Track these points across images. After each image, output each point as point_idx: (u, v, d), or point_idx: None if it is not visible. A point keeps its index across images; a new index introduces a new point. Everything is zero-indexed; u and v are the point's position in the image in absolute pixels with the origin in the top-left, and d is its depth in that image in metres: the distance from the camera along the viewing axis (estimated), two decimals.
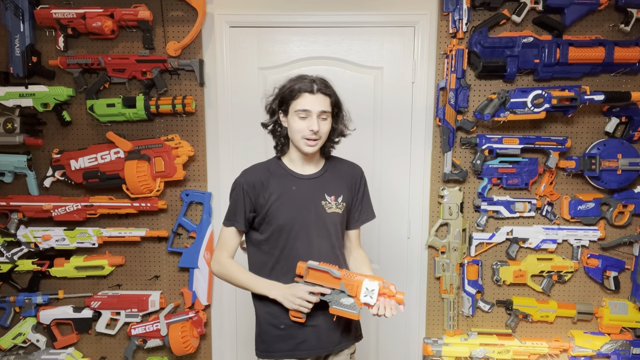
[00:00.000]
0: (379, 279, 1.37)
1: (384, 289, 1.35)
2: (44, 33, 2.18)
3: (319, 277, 1.39)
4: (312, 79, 1.45)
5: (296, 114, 1.44)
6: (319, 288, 1.39)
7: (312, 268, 1.39)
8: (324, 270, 1.38)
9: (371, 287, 1.34)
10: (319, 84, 1.44)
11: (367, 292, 1.34)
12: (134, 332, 2.26)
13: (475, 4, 2.13)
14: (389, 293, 1.35)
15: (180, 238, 2.30)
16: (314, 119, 1.42)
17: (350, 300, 1.36)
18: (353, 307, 1.36)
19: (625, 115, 2.19)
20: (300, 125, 1.44)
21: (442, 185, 2.26)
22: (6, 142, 2.14)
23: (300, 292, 1.39)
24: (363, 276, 1.38)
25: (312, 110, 1.42)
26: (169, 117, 2.24)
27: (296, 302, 1.40)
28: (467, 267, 2.27)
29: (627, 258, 2.29)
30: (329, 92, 1.46)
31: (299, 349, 1.49)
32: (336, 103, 1.50)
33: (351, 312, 1.37)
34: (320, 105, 1.43)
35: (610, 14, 2.17)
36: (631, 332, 2.31)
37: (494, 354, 2.24)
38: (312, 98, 1.43)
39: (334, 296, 1.38)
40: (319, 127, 1.43)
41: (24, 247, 2.25)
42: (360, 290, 1.35)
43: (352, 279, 1.37)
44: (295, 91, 1.43)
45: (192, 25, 2.16)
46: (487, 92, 2.20)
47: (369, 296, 1.34)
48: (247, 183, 1.50)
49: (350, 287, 1.37)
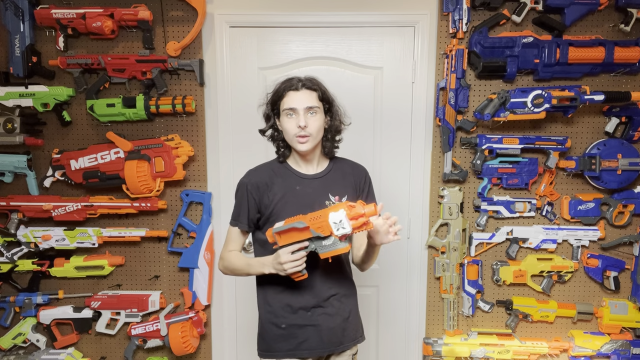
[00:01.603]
0: (342, 206, 1.31)
1: (352, 212, 1.29)
2: (44, 33, 2.18)
3: (290, 237, 1.35)
4: (298, 79, 1.47)
5: (285, 114, 1.46)
6: (297, 245, 1.35)
7: (279, 232, 1.36)
8: (289, 227, 1.34)
9: (337, 218, 1.29)
10: (304, 81, 1.46)
11: (337, 225, 1.30)
12: (134, 332, 2.26)
13: (475, 4, 2.13)
14: (356, 213, 1.29)
15: (180, 238, 2.30)
16: (300, 115, 1.43)
17: (330, 239, 1.33)
18: (337, 243, 1.33)
19: (625, 115, 2.19)
20: (290, 124, 1.45)
21: (442, 185, 2.26)
22: (6, 142, 2.14)
23: (283, 257, 1.36)
24: (326, 211, 1.33)
25: (298, 107, 1.44)
26: (169, 117, 2.24)
27: (286, 267, 1.36)
28: (467, 267, 2.27)
29: (627, 258, 2.29)
30: (314, 87, 1.47)
31: (300, 349, 1.49)
32: (324, 98, 1.50)
33: (338, 248, 1.34)
34: (306, 100, 1.44)
35: (610, 14, 2.17)
36: (631, 332, 2.31)
37: (494, 354, 2.24)
38: (296, 95, 1.44)
39: (316, 243, 1.35)
40: (307, 122, 1.43)
41: (24, 247, 2.25)
42: (331, 227, 1.31)
43: (318, 220, 1.32)
44: (281, 91, 1.46)
45: (192, 25, 2.16)
46: (487, 92, 2.20)
47: (341, 228, 1.30)
48: (251, 184, 1.51)
49: (320, 228, 1.32)
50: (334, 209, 1.31)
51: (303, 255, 1.36)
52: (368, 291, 2.34)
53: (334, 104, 1.54)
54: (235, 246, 1.57)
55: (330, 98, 1.53)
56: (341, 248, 1.34)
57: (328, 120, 1.53)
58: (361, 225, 1.30)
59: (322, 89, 1.50)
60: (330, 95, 1.53)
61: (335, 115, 1.55)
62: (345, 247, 1.34)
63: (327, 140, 1.54)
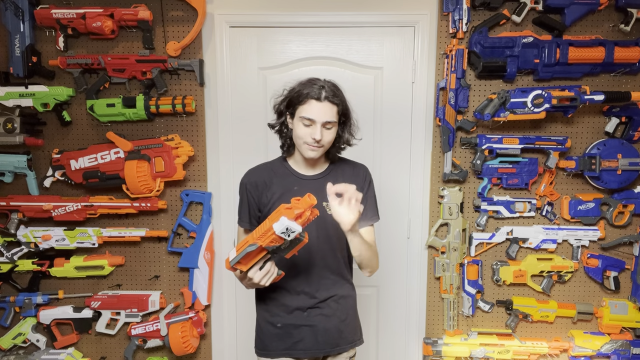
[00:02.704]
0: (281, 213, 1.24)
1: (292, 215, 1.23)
2: (44, 33, 2.18)
3: (250, 260, 1.33)
4: (321, 85, 1.42)
5: (301, 120, 1.42)
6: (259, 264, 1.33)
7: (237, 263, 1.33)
8: (244, 254, 1.30)
9: (282, 227, 1.23)
10: (328, 92, 1.41)
11: (286, 233, 1.25)
12: (134, 332, 2.26)
13: (475, 4, 2.13)
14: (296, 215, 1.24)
15: (180, 238, 2.30)
16: (317, 127, 1.40)
17: (287, 242, 1.30)
18: (295, 242, 1.31)
19: (625, 115, 2.19)
20: (304, 131, 1.42)
21: (442, 185, 2.26)
22: (6, 142, 2.14)
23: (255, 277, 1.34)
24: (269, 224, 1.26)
25: (317, 120, 1.40)
26: (169, 117, 2.24)
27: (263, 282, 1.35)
28: (467, 267, 2.27)
29: (627, 258, 2.29)
30: (336, 102, 1.42)
31: (295, 349, 1.50)
32: (344, 112, 1.47)
33: (297, 245, 1.32)
34: (326, 115, 1.41)
35: (610, 14, 2.17)
36: (631, 332, 2.31)
37: (494, 354, 2.24)
38: (318, 106, 1.40)
39: (276, 252, 1.32)
40: (322, 136, 1.41)
41: (24, 247, 2.25)
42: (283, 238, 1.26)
43: (267, 235, 1.27)
44: (303, 96, 1.41)
45: (192, 25, 2.16)
46: (487, 92, 2.20)
47: (290, 232, 1.24)
48: (249, 183, 1.53)
49: (273, 241, 1.28)
50: (275, 219, 1.26)
51: (271, 264, 1.35)
52: (368, 291, 2.34)
53: (350, 118, 1.51)
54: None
55: (348, 112, 1.50)
56: (299, 244, 1.32)
57: (339, 131, 1.50)
58: (307, 218, 1.26)
59: (343, 102, 1.46)
60: (349, 108, 1.50)
61: (348, 128, 1.52)
62: (302, 240, 1.32)
63: (333, 147, 1.52)
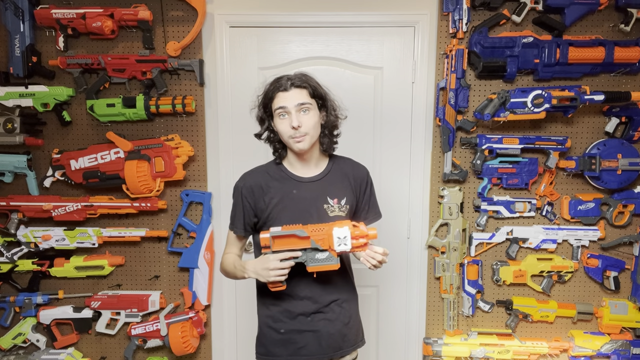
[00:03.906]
0: (347, 223, 1.32)
1: (356, 231, 1.31)
2: (44, 33, 2.18)
3: (286, 243, 1.34)
4: (287, 77, 1.42)
5: (277, 114, 1.42)
6: (289, 253, 1.34)
7: (277, 236, 1.34)
8: (290, 234, 1.33)
9: (342, 234, 1.30)
10: (293, 79, 1.41)
11: (340, 240, 1.30)
12: (134, 332, 2.26)
13: (475, 4, 2.13)
14: (360, 234, 1.31)
15: (180, 238, 2.30)
16: (293, 114, 1.39)
17: (325, 254, 1.33)
18: (329, 259, 1.33)
19: (625, 115, 2.19)
20: (283, 125, 1.41)
21: (442, 185, 2.26)
22: (6, 142, 2.14)
23: (271, 263, 1.33)
24: (330, 225, 1.33)
25: (288, 105, 1.39)
26: (169, 117, 2.24)
27: (270, 274, 1.34)
28: (467, 267, 2.27)
29: (627, 258, 2.29)
30: (303, 85, 1.41)
31: (298, 354, 1.48)
32: (316, 93, 1.44)
33: (329, 264, 1.33)
34: (296, 98, 1.40)
35: (610, 14, 2.16)
36: (631, 332, 2.31)
37: (494, 354, 2.24)
38: (286, 95, 1.40)
39: (308, 255, 1.34)
40: (300, 121, 1.39)
41: (24, 247, 2.25)
42: (332, 241, 1.31)
43: (321, 232, 1.32)
44: (271, 92, 1.42)
45: (192, 25, 2.16)
46: (487, 92, 2.20)
47: (342, 244, 1.30)
48: (245, 187, 1.49)
49: (321, 241, 1.32)
50: (339, 224, 1.31)
51: (290, 264, 1.35)
52: (368, 291, 2.34)
53: (328, 98, 1.48)
54: (233, 249, 1.56)
55: (323, 93, 1.46)
56: (332, 264, 1.34)
57: (324, 116, 1.48)
58: (360, 246, 1.31)
59: (312, 84, 1.43)
60: (322, 89, 1.47)
61: (330, 110, 1.48)
62: (336, 264, 1.34)
63: (324, 136, 1.49)
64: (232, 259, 1.52)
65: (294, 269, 1.38)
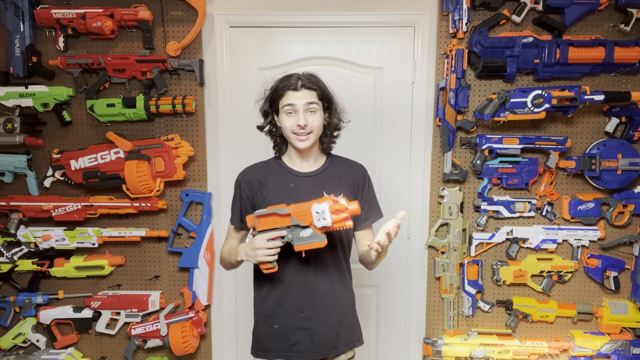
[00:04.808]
0: (327, 199, 1.33)
1: (335, 205, 1.31)
2: (44, 33, 2.18)
3: (270, 222, 1.37)
4: (297, 77, 1.46)
5: (284, 111, 1.46)
6: (275, 232, 1.36)
7: (260, 215, 1.37)
8: (271, 212, 1.36)
9: (320, 209, 1.31)
10: (304, 80, 1.45)
11: (319, 215, 1.31)
12: (134, 332, 2.26)
13: (475, 4, 2.13)
14: (339, 207, 1.31)
15: (180, 238, 2.30)
16: (300, 113, 1.44)
17: (309, 231, 1.34)
18: (314, 237, 1.34)
19: (625, 115, 2.19)
20: (289, 121, 1.45)
21: (442, 185, 2.26)
22: (6, 142, 2.14)
23: (258, 242, 1.37)
24: (310, 202, 1.34)
25: (297, 104, 1.44)
26: (169, 117, 2.24)
27: (258, 254, 1.36)
28: (467, 267, 2.27)
29: (627, 258, 2.29)
30: (313, 87, 1.46)
31: (291, 351, 1.49)
32: (324, 96, 1.50)
33: (315, 242, 1.34)
34: (305, 99, 1.44)
35: (610, 14, 2.16)
36: (631, 332, 2.31)
37: (494, 354, 2.24)
38: (296, 94, 1.44)
39: (293, 233, 1.35)
40: (307, 120, 1.44)
41: (24, 247, 2.25)
42: (313, 217, 1.32)
43: (301, 208, 1.34)
44: (281, 90, 1.46)
45: (192, 25, 2.16)
46: (487, 92, 2.20)
47: (322, 218, 1.31)
48: (244, 181, 1.54)
49: (302, 217, 1.33)
50: (319, 200, 1.33)
51: (278, 244, 1.36)
52: (368, 291, 2.34)
53: (333, 101, 1.54)
54: (232, 242, 1.60)
55: (330, 95, 1.52)
56: (317, 242, 1.34)
57: (327, 117, 1.53)
58: (341, 220, 1.31)
59: (321, 87, 1.49)
60: (329, 92, 1.52)
61: (334, 113, 1.55)
62: (322, 241, 1.34)
63: (325, 136, 1.55)
64: (229, 247, 1.58)
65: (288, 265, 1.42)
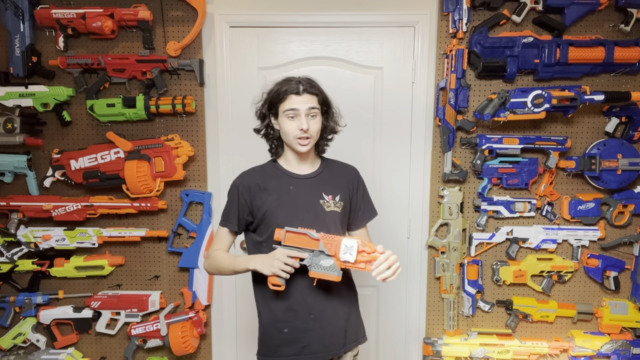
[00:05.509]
0: (357, 238, 1.36)
1: (363, 246, 1.34)
2: (44, 33, 2.18)
3: (297, 241, 1.38)
4: (298, 80, 1.48)
5: (285, 115, 1.46)
6: (298, 252, 1.37)
7: (290, 231, 1.38)
8: (302, 232, 1.37)
9: (350, 243, 1.34)
10: (305, 84, 1.47)
11: (346, 249, 1.33)
12: (134, 332, 2.26)
13: (475, 4, 2.13)
14: (368, 250, 1.34)
15: (180, 238, 2.30)
16: (302, 117, 1.45)
17: (330, 262, 1.35)
18: (333, 269, 1.35)
19: (625, 115, 2.19)
20: (291, 125, 1.46)
21: (442, 185, 2.26)
22: (6, 142, 2.14)
23: (278, 254, 1.37)
24: (341, 237, 1.37)
25: (300, 108, 1.45)
26: (169, 117, 2.24)
27: (274, 264, 1.36)
28: (467, 267, 2.27)
29: (627, 258, 2.29)
30: (315, 92, 1.48)
31: (303, 353, 1.48)
32: (324, 101, 1.52)
33: (331, 274, 1.35)
34: (307, 103, 1.46)
35: (610, 14, 2.16)
36: (631, 332, 2.31)
37: (494, 354, 2.24)
38: (299, 99, 1.45)
39: (314, 259, 1.36)
40: (309, 125, 1.45)
41: (24, 247, 2.25)
42: (339, 249, 1.34)
43: (331, 238, 1.36)
44: (282, 94, 1.46)
45: (192, 25, 2.16)
46: (487, 92, 2.20)
47: (348, 253, 1.33)
48: (242, 185, 1.52)
49: (329, 246, 1.35)
50: (350, 237, 1.36)
51: (295, 264, 1.37)
52: (368, 291, 2.34)
53: (331, 106, 1.57)
54: (222, 246, 1.58)
55: (329, 101, 1.55)
56: (333, 275, 1.36)
57: (324, 121, 1.55)
58: (363, 261, 1.34)
59: (322, 92, 1.52)
60: (328, 98, 1.55)
61: (331, 117, 1.57)
62: (337, 276, 1.36)
63: (321, 139, 1.57)
64: (230, 254, 1.55)
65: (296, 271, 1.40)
